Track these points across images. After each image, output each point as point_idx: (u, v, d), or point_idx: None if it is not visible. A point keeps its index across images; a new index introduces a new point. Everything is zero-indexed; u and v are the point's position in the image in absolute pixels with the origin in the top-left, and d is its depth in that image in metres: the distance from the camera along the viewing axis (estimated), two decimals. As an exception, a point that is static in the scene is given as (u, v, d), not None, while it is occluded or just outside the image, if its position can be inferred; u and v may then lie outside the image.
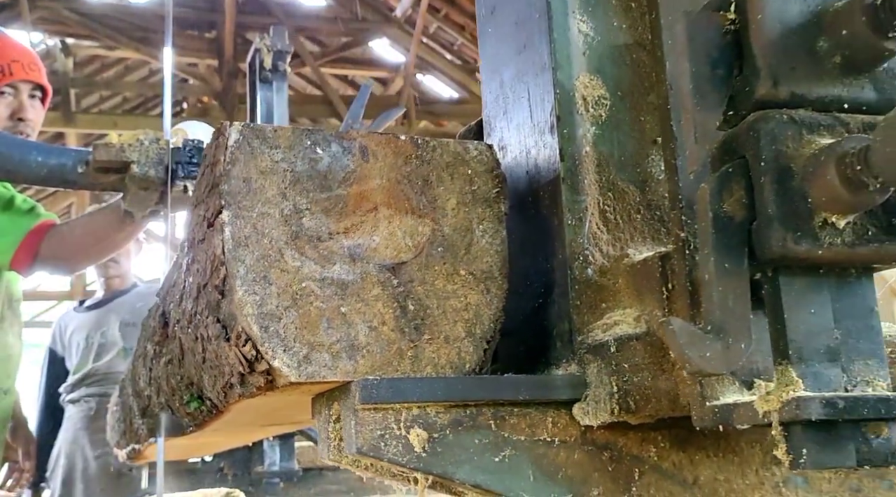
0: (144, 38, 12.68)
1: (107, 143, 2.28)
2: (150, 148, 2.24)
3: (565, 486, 1.06)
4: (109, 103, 14.81)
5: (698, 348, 0.88)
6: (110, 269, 4.36)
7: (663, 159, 1.13)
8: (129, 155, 2.23)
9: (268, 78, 3.17)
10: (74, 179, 2.32)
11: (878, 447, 0.90)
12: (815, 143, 0.90)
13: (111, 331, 4.22)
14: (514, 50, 1.24)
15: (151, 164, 2.23)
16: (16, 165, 2.27)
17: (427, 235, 1.08)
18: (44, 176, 2.31)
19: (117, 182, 2.33)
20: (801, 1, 0.93)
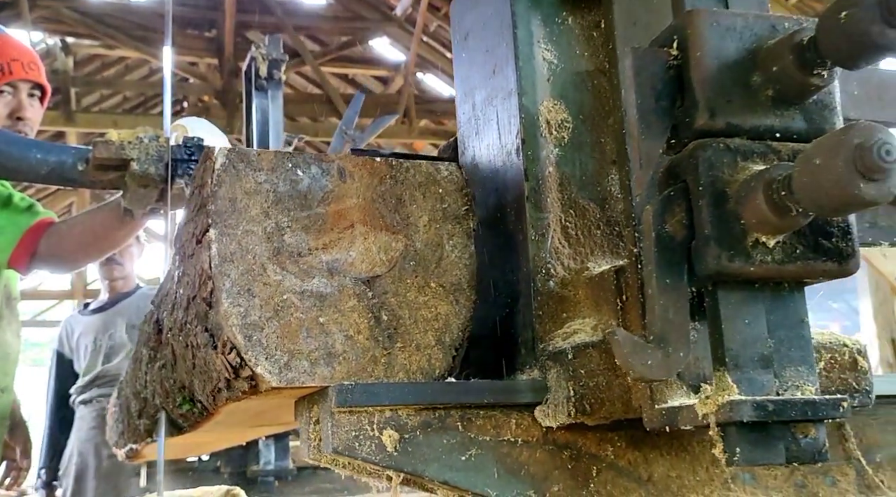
0: (145, 37, 12.76)
1: (107, 140, 2.27)
2: (149, 145, 2.25)
3: (528, 483, 1.16)
4: (110, 102, 14.90)
5: (641, 356, 0.97)
6: (114, 272, 4.45)
7: (619, 180, 1.23)
8: (129, 152, 2.23)
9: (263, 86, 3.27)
10: (74, 177, 2.32)
11: (806, 446, 1.00)
12: (748, 170, 1.00)
13: (119, 333, 4.32)
14: (485, 75, 1.33)
15: (151, 162, 2.24)
16: (16, 163, 2.28)
17: (400, 250, 1.18)
18: (44, 174, 2.32)
19: (117, 180, 2.33)
20: (737, 39, 1.02)
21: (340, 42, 13.56)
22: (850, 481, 1.28)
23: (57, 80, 12.75)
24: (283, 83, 3.28)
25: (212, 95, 13.70)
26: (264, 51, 3.28)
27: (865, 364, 1.20)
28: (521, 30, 1.26)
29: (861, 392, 1.20)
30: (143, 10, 12.89)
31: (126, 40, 12.83)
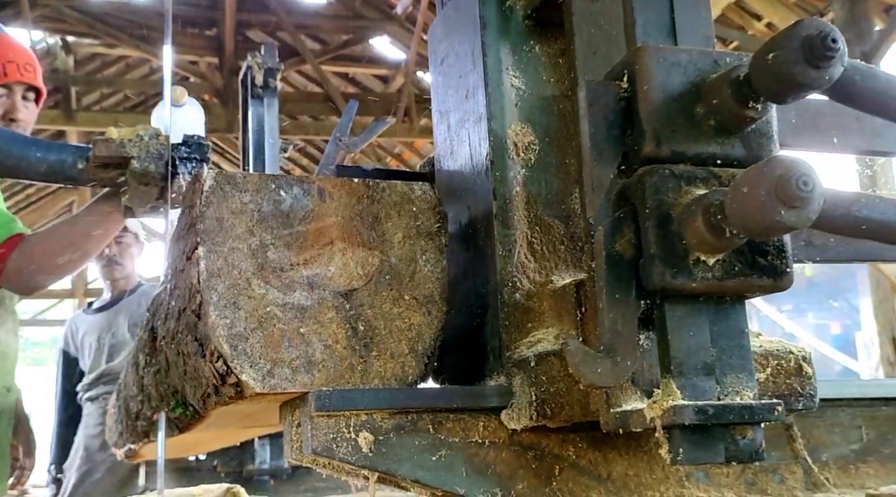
0: (145, 36, 12.85)
1: (107, 138, 2.27)
2: (149, 143, 2.25)
3: (494, 481, 1.26)
4: (110, 101, 15.02)
5: (591, 365, 1.07)
6: (115, 272, 4.57)
7: (579, 200, 1.33)
8: (130, 150, 2.24)
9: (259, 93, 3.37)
10: (74, 175, 2.32)
11: (744, 446, 1.10)
12: (691, 194, 1.10)
13: (121, 331, 4.44)
14: (458, 99, 1.43)
15: (151, 160, 2.24)
16: (16, 161, 2.28)
17: (376, 265, 1.28)
18: (43, 172, 2.31)
19: (117, 177, 2.32)
20: (682, 74, 1.12)
21: (341, 41, 13.66)
22: (798, 479, 1.38)
23: (57, 79, 12.87)
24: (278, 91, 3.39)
25: (212, 94, 13.81)
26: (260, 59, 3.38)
27: (810, 370, 1.30)
28: (491, 58, 1.36)
29: (805, 396, 1.30)
30: (143, 9, 12.99)
31: (126, 39, 12.93)
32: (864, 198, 1.04)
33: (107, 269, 4.59)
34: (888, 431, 1.48)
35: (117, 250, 4.59)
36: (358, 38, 13.51)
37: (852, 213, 1.03)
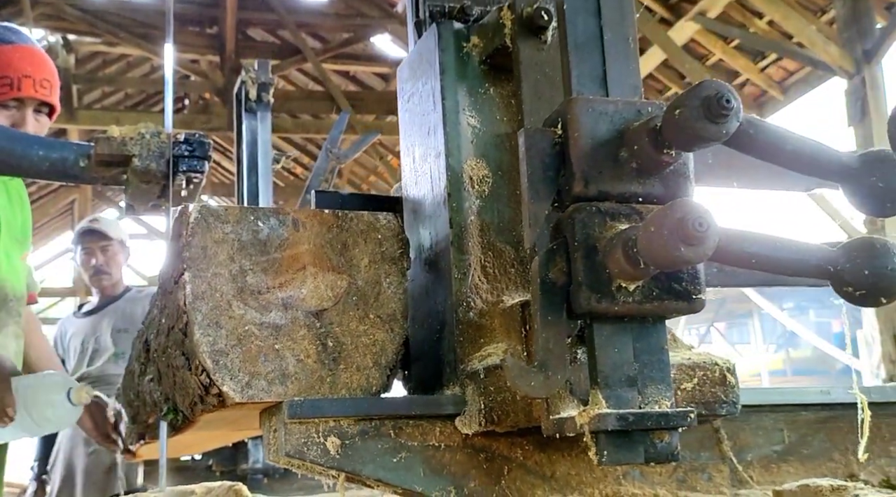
0: (146, 34, 13.02)
1: (108, 136, 2.28)
2: (151, 141, 2.27)
3: (449, 480, 1.44)
4: (111, 100, 15.20)
5: (526, 379, 1.25)
6: (103, 281, 4.72)
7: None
8: (131, 148, 2.25)
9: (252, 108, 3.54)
10: (76, 173, 2.33)
11: (662, 449, 1.28)
12: (615, 228, 1.28)
13: (104, 337, 4.61)
14: (422, 134, 1.61)
15: (153, 158, 2.26)
16: (18, 160, 2.29)
17: (344, 288, 1.46)
18: (45, 170, 2.33)
19: (118, 176, 2.32)
20: (608, 122, 1.30)
21: (342, 39, 13.82)
22: (725, 477, 1.56)
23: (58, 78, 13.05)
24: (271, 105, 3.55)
25: (213, 93, 13.98)
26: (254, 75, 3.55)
27: (733, 379, 1.48)
28: (449, 100, 1.54)
29: (729, 403, 1.48)
30: (144, 7, 13.15)
31: (127, 37, 13.08)
32: (754, 236, 1.22)
33: (95, 278, 4.74)
34: (808, 434, 1.66)
35: (104, 260, 4.71)
36: (359, 37, 13.68)
37: (744, 248, 1.21)
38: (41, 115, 3.01)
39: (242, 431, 2.14)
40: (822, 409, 1.67)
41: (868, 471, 1.63)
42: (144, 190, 2.33)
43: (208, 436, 2.20)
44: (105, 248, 4.68)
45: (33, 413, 2.35)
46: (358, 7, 13.48)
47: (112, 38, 13.12)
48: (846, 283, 1.20)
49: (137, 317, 4.38)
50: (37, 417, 2.35)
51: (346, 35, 13.75)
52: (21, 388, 2.36)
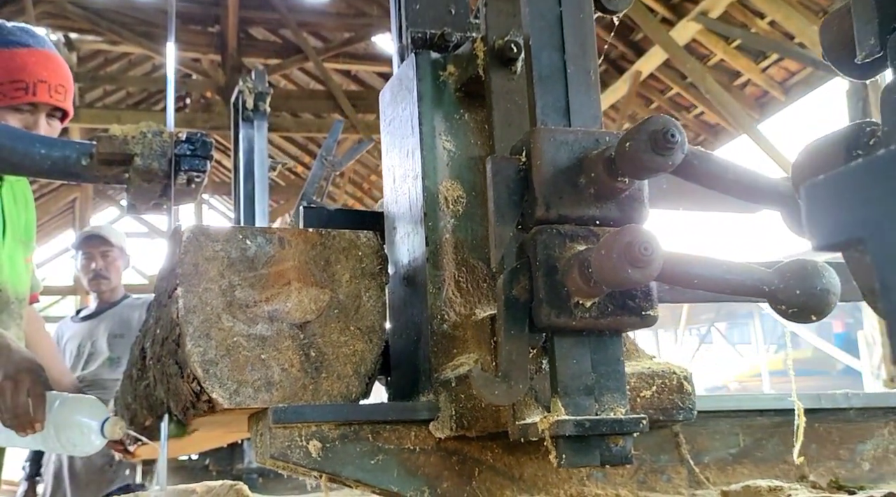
0: (148, 33, 13.16)
1: (110, 135, 2.29)
2: (153, 140, 2.27)
3: (423, 481, 1.56)
4: (113, 98, 15.34)
5: (490, 388, 1.37)
6: (101, 286, 4.84)
7: (495, 247, 1.63)
8: (133, 147, 2.26)
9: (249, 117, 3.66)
10: (78, 172, 2.34)
11: (616, 452, 1.40)
12: (574, 249, 1.40)
13: (99, 341, 4.74)
14: (401, 157, 1.73)
15: (155, 157, 2.26)
16: (20, 158, 2.30)
17: (326, 301, 1.58)
18: (47, 168, 2.33)
19: (120, 174, 2.32)
20: (569, 151, 1.42)
21: (343, 38, 13.95)
22: (683, 478, 1.68)
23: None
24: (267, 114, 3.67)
25: (214, 92, 14.11)
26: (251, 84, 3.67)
27: (690, 387, 1.60)
28: (426, 126, 1.66)
29: (685, 409, 1.60)
30: (146, 5, 13.28)
31: (129, 36, 13.21)
32: (696, 259, 1.34)
33: (94, 282, 4.86)
34: (762, 438, 1.78)
35: (103, 264, 4.83)
36: (360, 36, 13.80)
37: (687, 270, 1.33)
38: (54, 120, 3.04)
39: (235, 433, 2.27)
40: (777, 415, 1.79)
41: (818, 472, 1.75)
42: (146, 189, 2.33)
43: (204, 437, 2.33)
44: (105, 254, 4.81)
45: (61, 434, 2.35)
46: (359, 6, 13.61)
47: (114, 37, 13.24)
48: (780, 301, 1.32)
49: (134, 323, 4.51)
50: (63, 439, 2.36)
51: (348, 34, 13.88)
52: (56, 404, 2.37)
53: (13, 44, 2.86)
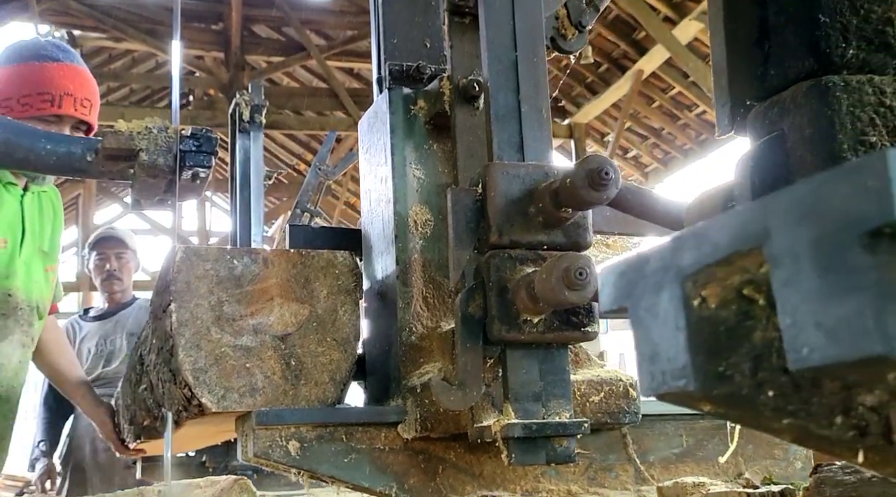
0: (152, 30, 13.31)
1: (116, 130, 2.34)
2: (158, 136, 2.32)
3: (392, 478, 1.76)
4: (116, 95, 15.52)
5: (447, 395, 1.57)
6: (114, 287, 4.98)
7: (459, 266, 1.82)
8: (138, 143, 2.30)
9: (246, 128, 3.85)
10: (83, 168, 2.38)
11: (561, 452, 1.59)
12: (523, 271, 1.59)
13: (119, 340, 4.87)
14: (376, 182, 1.93)
15: (160, 152, 2.31)
16: (25, 153, 2.35)
17: (306, 315, 1.78)
18: (53, 164, 2.38)
19: (125, 170, 2.37)
20: (520, 183, 1.61)
21: (346, 36, 14.11)
22: (629, 476, 1.88)
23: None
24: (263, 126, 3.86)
25: (217, 89, 14.29)
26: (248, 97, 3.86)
27: (634, 393, 1.79)
28: (398, 155, 1.85)
29: (630, 413, 1.79)
30: (149, 3, 13.45)
31: (133, 33, 13.33)
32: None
33: (107, 283, 4.98)
34: (703, 439, 1.97)
35: (118, 265, 4.96)
36: (363, 34, 13.95)
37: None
38: (78, 133, 3.07)
39: (227, 432, 2.46)
40: (717, 418, 1.99)
41: (753, 470, 1.94)
42: (151, 184, 2.37)
43: (197, 436, 2.52)
44: (120, 255, 4.93)
45: None
46: (362, 4, 13.75)
47: (117, 34, 13.38)
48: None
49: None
50: None
51: (351, 32, 14.04)
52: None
53: (44, 58, 2.96)
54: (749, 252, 0.50)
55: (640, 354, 0.60)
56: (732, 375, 0.55)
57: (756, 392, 0.55)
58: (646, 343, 0.59)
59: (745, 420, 0.59)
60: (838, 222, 0.44)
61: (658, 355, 0.58)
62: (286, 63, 14.33)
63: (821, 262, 0.45)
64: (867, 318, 0.43)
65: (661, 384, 0.58)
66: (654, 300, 0.58)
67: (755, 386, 0.55)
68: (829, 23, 0.92)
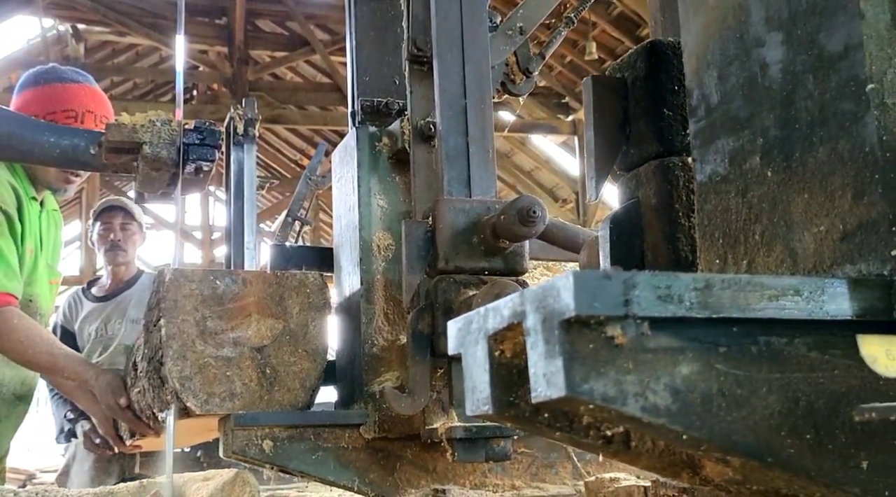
0: (155, 24, 13.54)
1: (119, 124, 2.38)
2: (162, 129, 2.37)
3: (354, 472, 2.04)
4: (120, 89, 15.80)
5: (398, 401, 1.85)
6: (118, 258, 4.81)
7: (415, 287, 2.10)
8: (142, 136, 2.34)
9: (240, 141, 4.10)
10: (87, 160, 2.43)
11: (499, 451, 1.87)
12: (466, 294, 1.86)
13: (116, 326, 4.79)
14: (346, 209, 2.21)
15: (163, 145, 2.35)
16: (29, 146, 2.40)
17: (280, 329, 2.06)
18: (56, 156, 2.43)
19: (129, 163, 2.42)
20: (465, 216, 1.88)
21: (349, 33, 14.34)
22: (568, 472, 2.15)
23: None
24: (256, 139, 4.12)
25: (221, 83, 14.55)
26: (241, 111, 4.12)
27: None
28: (363, 187, 2.13)
29: (567, 419, 2.07)
30: (154, -3, 13.71)
31: (137, 27, 13.56)
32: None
33: (111, 253, 4.85)
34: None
35: (122, 236, 4.82)
36: (367, 29, 14.19)
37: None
38: None
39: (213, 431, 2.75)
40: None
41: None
42: (154, 178, 2.42)
43: (189, 434, 2.81)
44: (125, 226, 4.83)
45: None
46: (366, 0, 13.99)
47: (121, 28, 13.61)
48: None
49: None
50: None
51: (355, 28, 14.26)
52: None
53: (66, 80, 3.21)
54: (518, 324, 0.77)
55: (466, 387, 0.87)
56: (519, 403, 0.82)
57: (535, 414, 0.82)
58: (469, 379, 0.87)
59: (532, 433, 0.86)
60: (551, 312, 0.72)
61: (475, 388, 0.85)
62: (290, 58, 14.60)
63: (544, 336, 0.72)
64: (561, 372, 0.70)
65: (475, 408, 0.86)
66: (474, 350, 0.86)
67: (534, 410, 0.82)
68: (672, 116, 1.19)
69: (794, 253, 0.89)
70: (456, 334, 0.90)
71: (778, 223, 0.91)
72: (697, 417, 0.73)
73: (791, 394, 0.76)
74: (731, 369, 0.74)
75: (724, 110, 0.98)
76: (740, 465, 0.78)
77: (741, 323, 0.75)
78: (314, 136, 16.62)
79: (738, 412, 0.75)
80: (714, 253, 0.99)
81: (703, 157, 1.02)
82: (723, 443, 0.74)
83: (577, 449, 2.20)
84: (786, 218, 0.90)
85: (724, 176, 0.99)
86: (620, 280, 0.70)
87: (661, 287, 0.71)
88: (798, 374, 0.76)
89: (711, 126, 1.00)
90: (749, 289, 0.73)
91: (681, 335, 0.74)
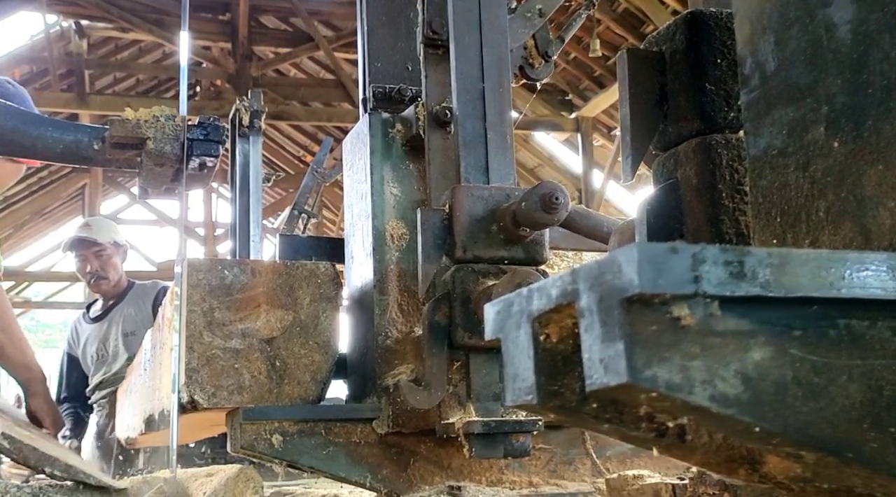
0: (159, 20, 13.49)
1: (123, 119, 2.36)
2: (165, 124, 2.35)
3: (366, 468, 1.96)
4: (123, 85, 15.72)
5: (414, 394, 1.77)
6: (102, 286, 4.92)
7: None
8: (145, 131, 2.33)
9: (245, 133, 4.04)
10: (90, 156, 2.42)
11: (518, 447, 1.79)
12: (485, 284, 1.79)
13: (114, 343, 4.87)
14: (358, 198, 2.13)
15: (167, 141, 2.33)
16: (32, 141, 2.39)
17: (290, 321, 1.98)
18: (59, 152, 2.42)
19: (132, 158, 2.41)
20: (484, 204, 1.80)
21: (354, 27, 14.25)
22: (587, 468, 2.08)
23: (71, 63, 13.61)
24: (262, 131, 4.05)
25: (224, 80, 14.49)
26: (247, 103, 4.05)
27: (591, 396, 1.99)
28: (376, 175, 2.05)
29: (586, 414, 1.99)
30: (157, -7, 13.65)
31: (140, 23, 13.50)
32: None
33: (94, 285, 4.95)
34: (655, 438, 2.17)
35: (98, 265, 4.88)
36: (370, 26, 14.12)
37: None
38: None
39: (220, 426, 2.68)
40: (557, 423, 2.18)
41: (701, 467, 2.14)
42: (158, 173, 2.40)
43: (195, 429, 2.73)
44: (98, 254, 4.86)
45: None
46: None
47: (125, 24, 13.56)
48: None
49: (143, 315, 4.77)
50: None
51: (358, 24, 14.19)
52: None
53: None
54: (568, 304, 0.69)
55: (505, 374, 0.80)
56: (564, 392, 0.74)
57: (581, 405, 0.75)
58: (510, 366, 0.79)
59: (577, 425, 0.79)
60: (610, 290, 0.64)
61: (517, 376, 0.78)
62: (293, 54, 14.52)
63: (600, 317, 0.65)
64: (622, 357, 0.63)
65: (517, 397, 0.78)
66: (516, 334, 0.78)
67: (581, 400, 0.74)
68: (714, 90, 1.12)
69: (867, 230, 0.81)
70: (494, 318, 0.82)
71: (846, 198, 0.84)
72: (770, 408, 0.66)
73: (874, 382, 0.68)
74: (807, 355, 0.67)
75: (783, 78, 0.91)
76: (814, 460, 0.70)
77: (818, 303, 0.67)
78: (318, 132, 16.55)
79: (815, 402, 0.67)
80: (770, 233, 0.92)
81: (756, 130, 0.94)
82: (797, 436, 0.67)
83: (596, 445, 2.12)
84: (856, 192, 0.83)
85: (781, 149, 0.91)
86: (689, 254, 0.63)
87: (734, 262, 0.64)
88: (882, 361, 0.68)
89: (767, 96, 0.93)
90: (830, 265, 0.65)
91: (751, 317, 0.67)
